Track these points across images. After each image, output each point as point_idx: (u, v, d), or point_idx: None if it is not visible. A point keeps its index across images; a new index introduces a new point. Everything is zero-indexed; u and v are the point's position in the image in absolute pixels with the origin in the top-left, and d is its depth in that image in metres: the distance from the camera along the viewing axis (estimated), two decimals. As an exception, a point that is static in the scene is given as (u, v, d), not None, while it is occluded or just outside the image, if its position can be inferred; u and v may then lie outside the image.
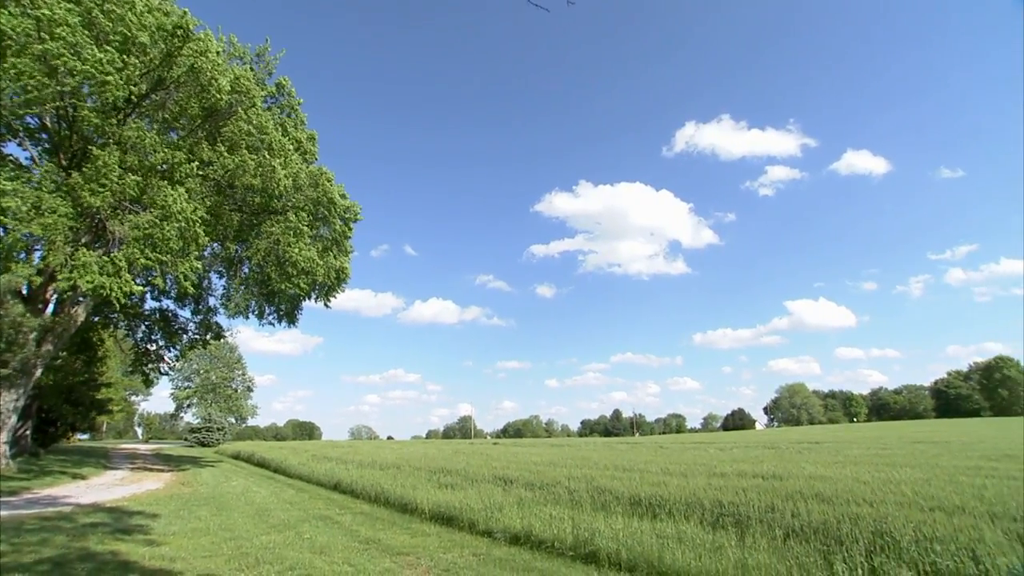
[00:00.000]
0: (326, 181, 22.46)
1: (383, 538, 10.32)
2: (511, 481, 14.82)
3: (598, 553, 8.10)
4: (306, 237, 21.72)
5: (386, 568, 8.05)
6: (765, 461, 17.10)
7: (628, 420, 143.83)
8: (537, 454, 27.84)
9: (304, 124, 23.48)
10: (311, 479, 21.51)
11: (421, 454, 29.82)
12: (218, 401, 70.31)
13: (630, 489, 11.64)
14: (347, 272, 24.96)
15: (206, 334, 28.93)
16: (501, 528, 10.15)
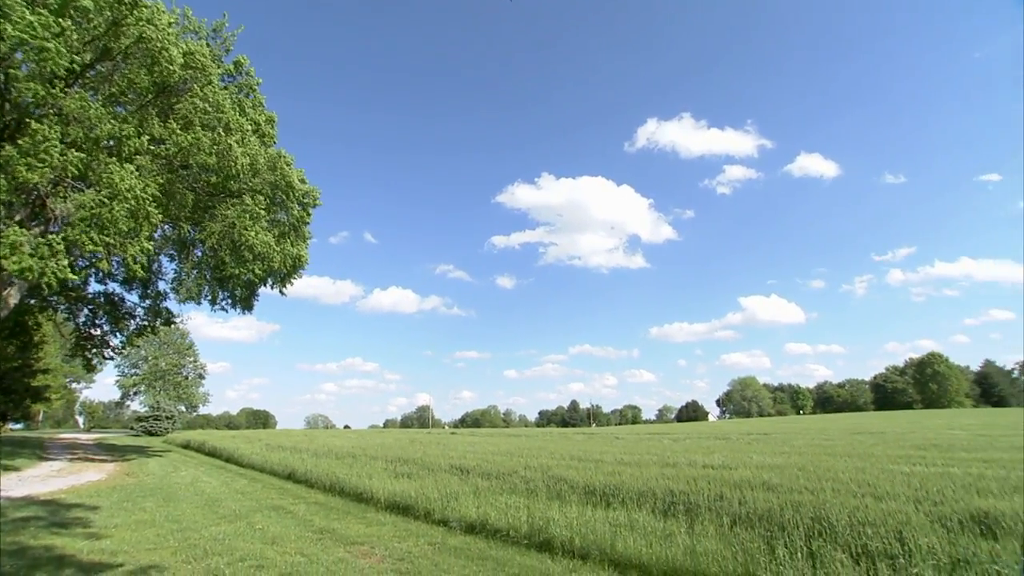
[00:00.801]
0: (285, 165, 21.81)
1: (337, 528, 10.21)
2: (468, 471, 14.87)
3: (552, 541, 8.23)
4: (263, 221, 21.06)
5: (340, 558, 7.97)
6: (716, 451, 17.68)
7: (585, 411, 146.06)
8: (494, 444, 27.99)
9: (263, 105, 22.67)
10: (264, 468, 21.06)
11: (378, 443, 29.56)
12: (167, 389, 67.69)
13: (585, 478, 11.84)
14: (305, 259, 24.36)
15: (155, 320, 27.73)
16: (457, 517, 10.19)
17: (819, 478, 10.38)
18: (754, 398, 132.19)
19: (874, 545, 6.35)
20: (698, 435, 31.87)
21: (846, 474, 10.67)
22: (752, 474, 11.12)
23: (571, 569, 7.21)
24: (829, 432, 29.68)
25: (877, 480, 9.80)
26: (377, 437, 42.41)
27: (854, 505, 7.76)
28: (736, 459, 14.38)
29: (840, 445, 19.21)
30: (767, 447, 19.15)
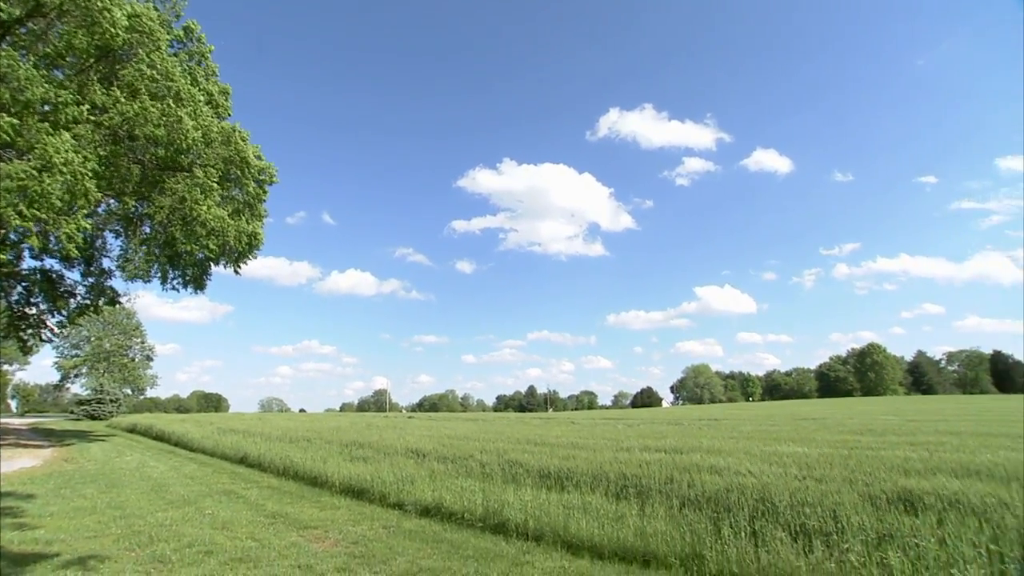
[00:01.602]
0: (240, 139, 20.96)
1: (291, 512, 10.08)
2: (424, 454, 14.89)
3: (507, 524, 8.36)
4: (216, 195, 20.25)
5: (293, 542, 7.89)
6: (668, 436, 18.21)
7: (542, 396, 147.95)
8: (451, 428, 28.06)
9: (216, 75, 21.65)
10: (216, 453, 20.54)
11: (334, 427, 29.20)
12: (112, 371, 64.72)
13: (540, 462, 12.02)
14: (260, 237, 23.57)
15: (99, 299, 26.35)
16: (413, 500, 10.21)
17: (764, 461, 10.85)
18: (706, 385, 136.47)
19: (811, 523, 6.71)
20: (652, 420, 32.76)
21: (789, 457, 11.18)
22: (701, 458, 11.51)
23: (525, 551, 7.35)
24: (775, 418, 31.00)
25: (817, 463, 10.32)
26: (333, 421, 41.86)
27: (795, 487, 8.15)
28: (687, 444, 14.86)
29: (785, 430, 20.09)
30: (717, 432, 19.85)
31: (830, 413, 36.21)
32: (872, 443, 14.25)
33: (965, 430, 18.00)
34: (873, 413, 34.77)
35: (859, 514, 6.72)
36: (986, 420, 24.09)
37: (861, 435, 17.19)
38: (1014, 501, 6.75)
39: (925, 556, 5.57)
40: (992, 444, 12.91)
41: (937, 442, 13.86)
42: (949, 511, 6.71)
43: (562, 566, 6.62)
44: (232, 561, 6.89)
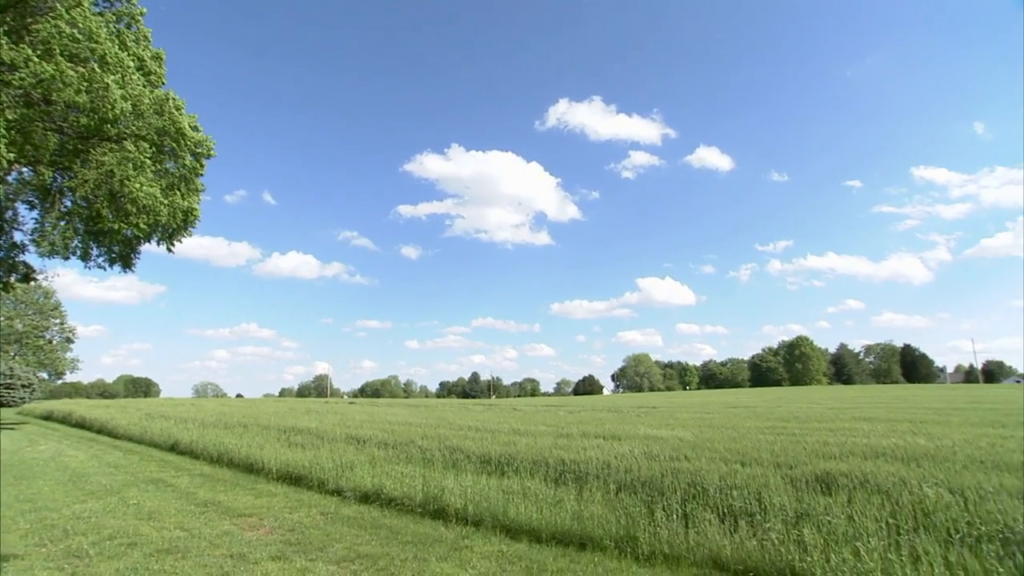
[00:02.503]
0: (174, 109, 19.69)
1: (224, 500, 9.77)
2: (365, 440, 14.74)
3: (447, 509, 8.41)
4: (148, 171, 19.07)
5: (225, 531, 7.66)
6: (608, 423, 18.75)
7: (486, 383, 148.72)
8: (393, 414, 27.86)
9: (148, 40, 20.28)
10: (143, 440, 19.57)
11: (272, 412, 28.40)
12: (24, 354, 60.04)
13: (481, 448, 12.14)
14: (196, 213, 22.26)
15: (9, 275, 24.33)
16: (352, 487, 10.10)
17: (697, 447, 11.36)
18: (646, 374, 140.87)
19: (738, 505, 7.11)
20: (592, 408, 33.57)
21: (720, 443, 11.75)
22: (638, 444, 11.92)
23: (464, 536, 7.43)
24: (710, 406, 32.42)
25: (746, 448, 10.89)
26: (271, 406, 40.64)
27: (724, 471, 8.60)
28: (625, 430, 15.34)
29: (718, 418, 21.06)
30: (654, 419, 20.57)
31: (760, 401, 38.22)
32: (796, 429, 15.16)
33: (876, 416, 19.46)
34: (798, 401, 36.97)
35: (781, 495, 7.18)
36: (894, 407, 26.10)
37: (787, 422, 18.26)
38: (911, 479, 7.41)
39: (835, 532, 6.02)
40: (898, 429, 14.02)
41: (852, 428, 14.91)
42: (858, 490, 7.26)
43: (500, 550, 6.74)
44: (158, 553, 6.63)
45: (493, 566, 6.15)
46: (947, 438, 11.74)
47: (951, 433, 12.93)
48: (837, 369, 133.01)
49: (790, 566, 5.62)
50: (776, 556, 5.80)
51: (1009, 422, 16.34)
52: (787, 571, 5.61)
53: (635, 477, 8.72)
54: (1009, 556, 5.23)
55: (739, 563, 5.92)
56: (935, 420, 17.31)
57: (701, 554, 6.20)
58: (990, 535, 5.61)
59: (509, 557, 6.46)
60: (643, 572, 5.96)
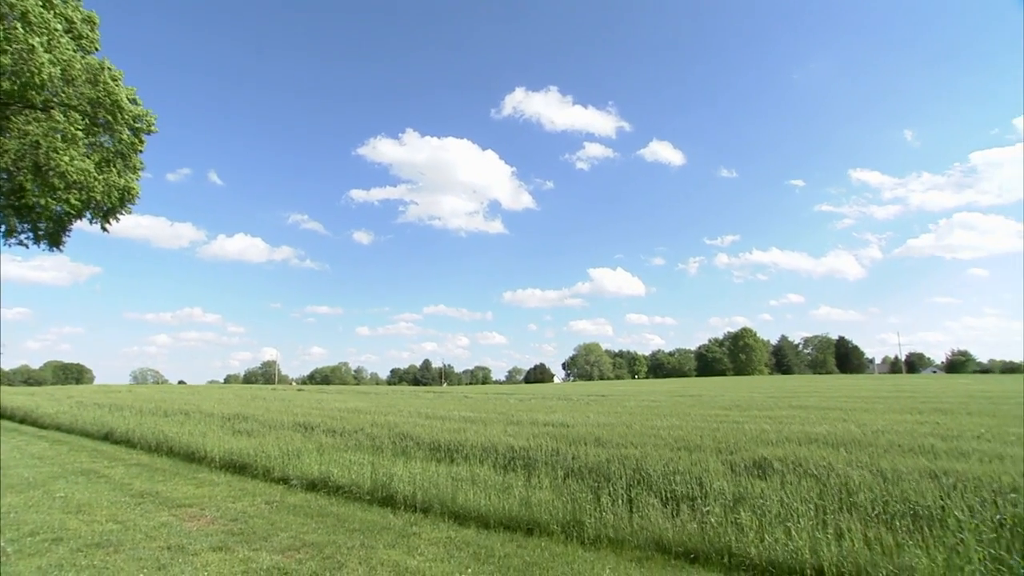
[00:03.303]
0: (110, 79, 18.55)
1: (162, 490, 9.41)
2: (313, 427, 14.51)
3: (395, 496, 8.38)
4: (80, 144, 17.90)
5: (163, 522, 7.38)
6: (557, 411, 19.07)
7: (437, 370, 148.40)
8: (343, 401, 27.49)
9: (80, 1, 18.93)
10: (74, 429, 18.55)
11: (216, 399, 27.50)
12: (-61, 335, 55.72)
13: (431, 435, 12.14)
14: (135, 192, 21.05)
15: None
16: (298, 475, 9.92)
17: (644, 434, 11.70)
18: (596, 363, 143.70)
19: (680, 490, 7.38)
20: (543, 396, 34.02)
21: (666, 431, 12.14)
22: (587, 431, 12.19)
23: (412, 522, 7.43)
24: (657, 395, 33.40)
25: (690, 435, 11.30)
26: (216, 393, 39.27)
27: (669, 457, 8.89)
28: (574, 418, 15.64)
29: (665, 406, 21.74)
30: (603, 407, 21.04)
31: (706, 390, 39.64)
32: (738, 417, 15.83)
33: (811, 404, 20.55)
34: (741, 390, 38.56)
35: (720, 480, 7.50)
36: (828, 396, 27.61)
37: (729, 410, 19.03)
38: (839, 463, 7.90)
39: (769, 513, 6.34)
40: (830, 417, 14.86)
41: (789, 415, 15.70)
42: (791, 474, 7.67)
43: (448, 536, 6.78)
44: (87, 547, 6.31)
45: (441, 552, 6.18)
46: (872, 424, 12.55)
47: (875, 420, 13.82)
48: (778, 360, 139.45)
49: (727, 547, 5.90)
50: (715, 538, 6.07)
51: (925, 408, 17.61)
52: (725, 552, 5.88)
53: (583, 463, 8.92)
54: (918, 530, 5.67)
55: (680, 545, 6.16)
56: (863, 408, 18.43)
57: (644, 537, 6.41)
58: (903, 512, 6.07)
59: (457, 543, 6.50)
60: (588, 556, 6.12)
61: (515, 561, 5.87)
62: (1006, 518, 5.65)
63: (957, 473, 7.18)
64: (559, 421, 14.77)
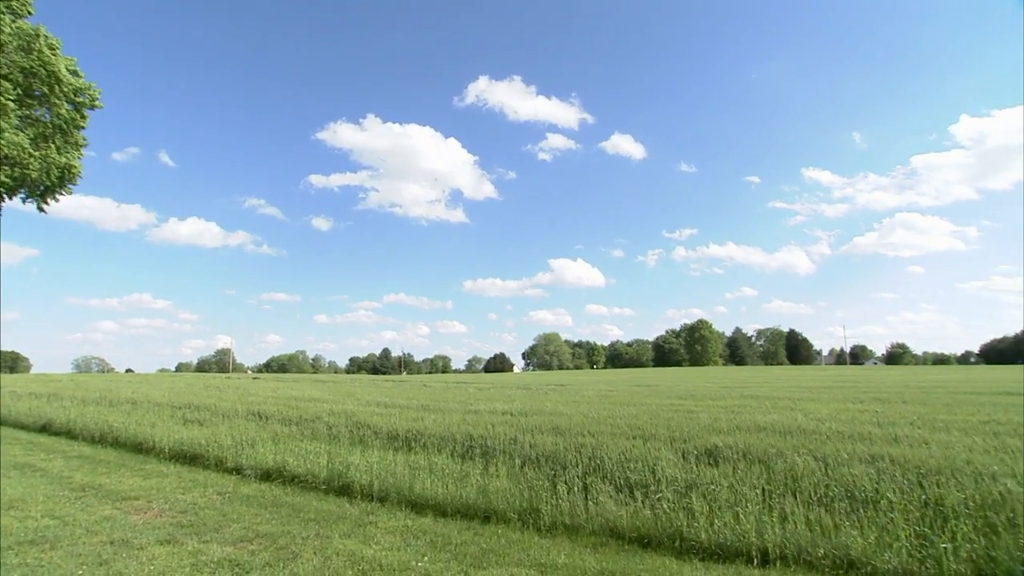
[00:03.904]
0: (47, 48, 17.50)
1: (106, 483, 9.03)
2: (268, 417, 14.21)
3: (352, 486, 8.31)
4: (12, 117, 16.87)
5: (106, 516, 7.09)
6: (516, 400, 19.19)
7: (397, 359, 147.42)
8: (299, 390, 26.99)
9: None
10: (6, 421, 17.59)
11: (166, 388, 26.52)
12: None
13: (389, 424, 12.06)
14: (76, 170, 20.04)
15: None
16: (253, 465, 9.70)
17: (600, 423, 11.91)
18: (556, 352, 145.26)
19: (635, 477, 7.56)
20: (502, 385, 34.17)
21: (622, 420, 12.38)
22: (545, 420, 12.33)
23: (369, 512, 7.37)
24: (615, 384, 34.02)
25: (645, 424, 11.56)
26: (166, 382, 37.87)
27: (624, 445, 9.09)
28: (533, 407, 15.79)
29: (622, 395, 22.16)
30: (562, 397, 21.29)
31: (662, 380, 40.61)
32: (692, 407, 16.28)
33: (762, 395, 21.32)
34: (696, 380, 39.70)
35: (673, 468, 7.72)
36: (778, 386, 28.72)
37: (684, 400, 19.54)
38: (786, 450, 8.25)
39: (719, 499, 6.57)
40: (779, 406, 15.46)
41: (741, 405, 16.25)
42: (741, 461, 7.96)
43: (405, 525, 6.76)
44: (19, 545, 5.98)
45: (398, 540, 6.16)
46: (817, 413, 13.13)
47: (821, 409, 14.46)
48: (732, 351, 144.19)
49: (679, 531, 6.09)
50: (667, 523, 6.25)
51: (866, 398, 18.53)
52: (676, 536, 6.06)
53: (540, 452, 9.02)
54: (854, 511, 6.02)
55: (634, 531, 6.32)
56: (809, 398, 19.25)
57: (599, 523, 6.55)
58: (842, 495, 6.41)
59: (414, 531, 6.50)
60: (544, 542, 6.21)
61: (472, 548, 5.91)
62: (930, 498, 6.07)
63: (890, 457, 7.61)
64: (517, 410, 14.88)
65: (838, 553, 5.34)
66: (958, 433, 9.84)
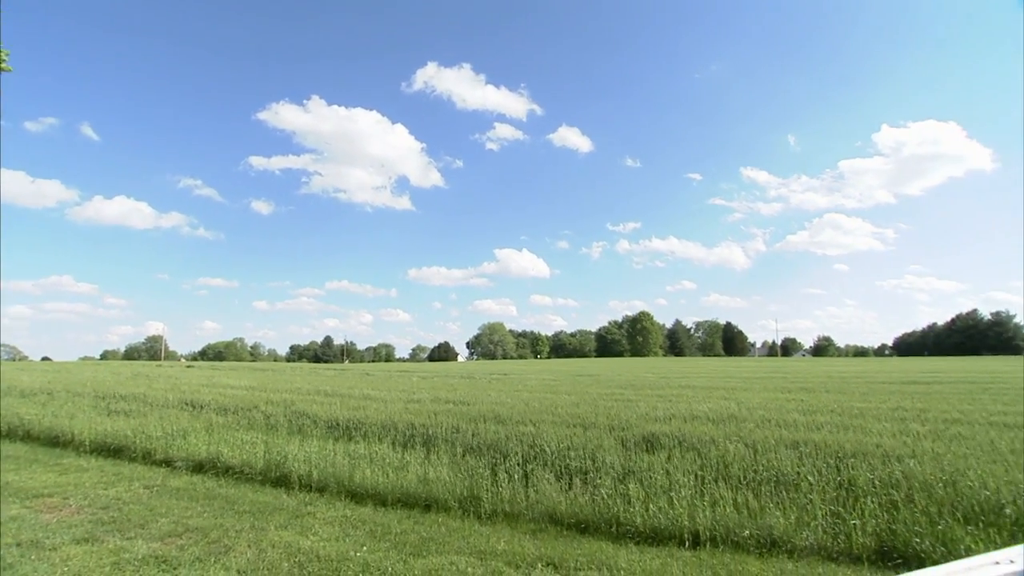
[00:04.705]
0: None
1: (14, 480, 8.41)
2: (202, 406, 13.65)
3: (290, 476, 8.09)
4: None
5: (13, 516, 6.60)
6: (459, 389, 19.24)
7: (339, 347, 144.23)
8: (237, 378, 26.05)
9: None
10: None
11: (88, 378, 24.96)
12: None
13: (329, 413, 11.85)
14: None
15: None
16: (184, 456, 9.29)
17: (542, 412, 12.10)
18: (500, 342, 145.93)
19: (575, 465, 7.74)
20: (446, 374, 34.13)
21: (564, 409, 12.63)
22: (487, 409, 12.41)
23: (307, 502, 7.22)
24: (558, 374, 34.60)
25: (586, 413, 11.83)
26: (88, 371, 35.61)
27: (565, 434, 9.28)
28: (476, 396, 15.86)
29: (564, 385, 22.58)
30: (504, 386, 21.49)
31: (604, 370, 41.64)
32: (632, 396, 16.79)
33: (699, 384, 22.25)
34: (637, 371, 40.92)
35: (612, 455, 7.95)
36: (714, 377, 30.03)
37: (625, 389, 20.13)
38: (718, 437, 8.65)
39: (655, 485, 6.83)
40: (714, 395, 16.19)
41: (678, 394, 16.90)
42: (677, 448, 8.29)
43: (344, 515, 6.66)
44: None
45: (336, 531, 6.06)
46: (749, 402, 13.83)
47: (752, 398, 15.24)
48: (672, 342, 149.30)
49: (615, 517, 6.27)
50: (604, 509, 6.43)
51: (793, 388, 19.69)
52: (613, 521, 6.25)
53: (481, 440, 9.09)
54: (778, 494, 6.41)
55: (572, 517, 6.47)
56: (743, 387, 20.25)
57: (539, 510, 6.66)
58: (767, 479, 6.79)
59: (353, 521, 6.41)
60: (484, 530, 6.26)
61: (412, 537, 5.89)
62: (844, 479, 6.55)
63: (812, 443, 8.13)
64: (460, 399, 14.91)
65: (762, 533, 5.66)
66: (871, 419, 10.63)
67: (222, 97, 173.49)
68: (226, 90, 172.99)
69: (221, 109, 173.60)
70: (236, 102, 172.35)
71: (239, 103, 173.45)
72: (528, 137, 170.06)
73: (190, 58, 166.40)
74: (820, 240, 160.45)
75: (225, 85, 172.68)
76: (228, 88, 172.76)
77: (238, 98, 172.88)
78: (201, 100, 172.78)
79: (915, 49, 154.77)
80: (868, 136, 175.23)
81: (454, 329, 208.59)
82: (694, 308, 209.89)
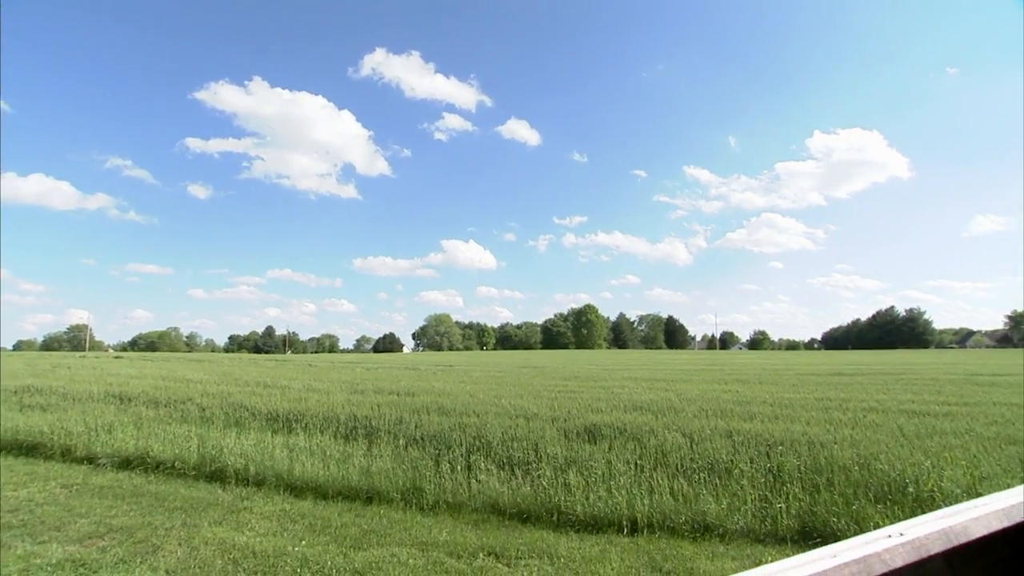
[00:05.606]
0: None
1: (-93, 481, 7.71)
2: (131, 399, 12.95)
3: (226, 470, 7.81)
4: None
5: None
6: (403, 380, 19.06)
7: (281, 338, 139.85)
8: (170, 369, 24.86)
9: None
10: None
11: (-1, 369, 23.08)
12: None
13: (269, 405, 11.52)
14: None
15: None
16: (109, 452, 8.78)
17: (487, 403, 12.17)
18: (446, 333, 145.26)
19: (517, 455, 7.84)
20: (391, 365, 33.71)
21: (508, 400, 12.74)
22: (431, 400, 12.38)
23: (244, 497, 6.99)
24: (503, 366, 34.75)
25: (530, 404, 11.98)
26: (-1, 362, 32.91)
27: (508, 425, 9.37)
28: (420, 387, 15.78)
29: (509, 377, 22.74)
30: (449, 377, 21.45)
31: (549, 362, 42.16)
32: (575, 387, 17.12)
33: (641, 376, 22.91)
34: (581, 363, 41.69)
35: (554, 446, 8.10)
36: (655, 369, 30.99)
37: (568, 381, 20.49)
38: (657, 427, 8.97)
39: (595, 474, 7.01)
40: (655, 387, 16.73)
41: (620, 386, 17.35)
42: (617, 438, 8.54)
43: (283, 509, 6.50)
44: None
45: (274, 526, 5.91)
46: (687, 393, 14.38)
47: (691, 389, 15.85)
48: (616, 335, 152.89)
49: (556, 506, 6.40)
50: (546, 498, 6.56)
51: (729, 379, 20.59)
52: (554, 510, 6.37)
53: (425, 432, 9.07)
54: (712, 481, 6.73)
55: (514, 507, 6.56)
56: (682, 379, 21.00)
57: (482, 501, 6.72)
58: (703, 467, 7.12)
59: (292, 516, 6.27)
60: (427, 521, 6.26)
61: (352, 530, 5.82)
62: (773, 466, 6.94)
63: (745, 432, 8.56)
64: (405, 390, 14.79)
65: (696, 519, 5.93)
66: (800, 409, 11.29)
67: (155, 74, 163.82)
68: (162, 66, 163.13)
69: (154, 86, 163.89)
70: (170, 79, 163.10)
71: (174, 80, 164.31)
72: (477, 128, 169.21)
73: (118, 29, 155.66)
74: (757, 238, 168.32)
75: (158, 60, 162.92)
76: (161, 64, 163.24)
77: (173, 75, 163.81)
78: (132, 77, 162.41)
79: (844, 60, 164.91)
80: (802, 140, 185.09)
81: (400, 320, 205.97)
82: (638, 302, 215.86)
